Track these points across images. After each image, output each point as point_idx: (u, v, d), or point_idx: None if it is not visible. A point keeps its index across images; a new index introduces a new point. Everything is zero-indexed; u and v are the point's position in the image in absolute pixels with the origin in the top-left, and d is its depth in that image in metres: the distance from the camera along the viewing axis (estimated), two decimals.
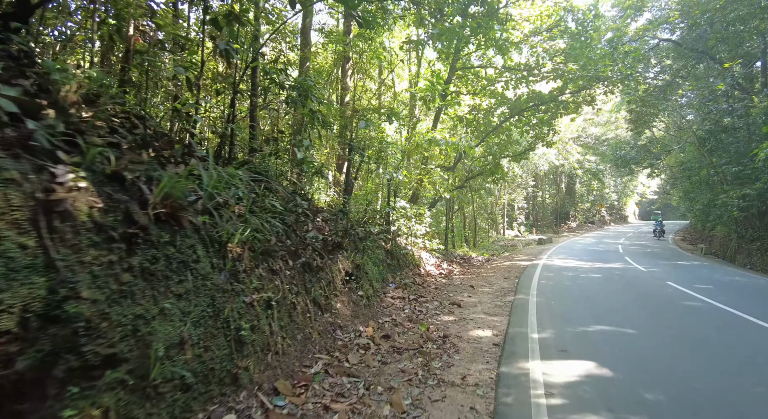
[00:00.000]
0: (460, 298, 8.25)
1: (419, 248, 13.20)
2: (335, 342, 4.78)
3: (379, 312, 6.29)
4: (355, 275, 6.15)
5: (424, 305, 7.37)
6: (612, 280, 11.05)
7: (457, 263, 16.11)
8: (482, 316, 6.92)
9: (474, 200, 26.96)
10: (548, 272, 12.39)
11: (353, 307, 5.71)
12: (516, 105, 17.04)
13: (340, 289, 5.66)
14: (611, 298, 8.51)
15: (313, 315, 4.79)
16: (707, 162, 20.47)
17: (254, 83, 7.10)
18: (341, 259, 5.92)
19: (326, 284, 5.40)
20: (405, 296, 7.56)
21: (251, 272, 3.99)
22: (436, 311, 7.09)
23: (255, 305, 3.74)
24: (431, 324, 6.24)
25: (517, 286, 10.00)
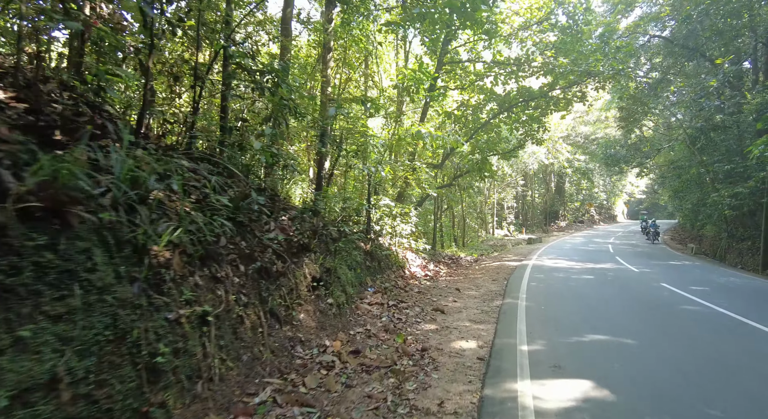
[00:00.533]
0: (444, 303, 7.59)
1: (404, 248, 12.54)
2: (293, 361, 4.08)
3: (351, 322, 5.59)
4: (325, 280, 5.44)
5: (405, 311, 6.69)
6: (605, 282, 10.49)
7: (445, 264, 15.48)
8: (467, 324, 6.26)
9: (463, 199, 26.40)
10: (538, 274, 11.81)
11: (320, 317, 5.01)
12: (505, 101, 16.46)
13: (306, 297, 4.95)
14: (606, 302, 7.91)
15: (267, 330, 4.08)
16: (698, 161, 20.14)
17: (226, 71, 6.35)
18: (308, 263, 5.21)
19: (288, 291, 4.69)
20: (384, 302, 6.88)
21: (183, 281, 3.27)
22: (417, 318, 6.42)
23: (183, 323, 3.02)
24: (410, 334, 5.57)
25: (506, 289, 9.38)
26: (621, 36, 17.55)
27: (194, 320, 3.15)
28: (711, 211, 21.19)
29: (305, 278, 5.04)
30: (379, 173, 9.90)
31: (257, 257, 4.49)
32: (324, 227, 6.01)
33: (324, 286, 5.36)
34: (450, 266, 14.95)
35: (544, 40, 15.25)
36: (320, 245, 5.80)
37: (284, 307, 4.53)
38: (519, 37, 16.26)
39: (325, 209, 7.55)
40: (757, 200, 15.40)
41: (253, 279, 4.27)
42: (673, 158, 23.01)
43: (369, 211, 8.88)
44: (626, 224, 45.45)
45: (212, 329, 3.30)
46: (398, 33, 18.30)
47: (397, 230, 12.39)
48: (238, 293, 3.90)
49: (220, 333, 3.43)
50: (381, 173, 10.00)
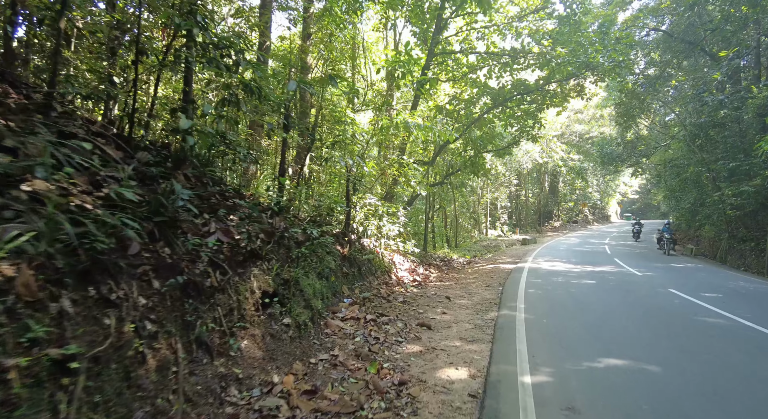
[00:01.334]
0: (431, 316, 6.55)
1: (391, 251, 11.50)
2: (221, 410, 3.02)
3: (315, 346, 4.53)
4: (281, 295, 4.38)
5: (385, 328, 5.65)
6: (608, 287, 9.52)
7: (436, 267, 14.47)
8: (457, 343, 5.23)
9: (456, 198, 25.44)
10: (535, 278, 10.83)
11: (271, 344, 3.94)
12: (499, 94, 15.48)
13: (252, 318, 3.89)
14: (614, 313, 6.93)
15: (187, 367, 3.02)
16: (697, 159, 19.30)
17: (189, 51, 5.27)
18: (258, 274, 4.14)
19: (226, 312, 3.63)
20: (361, 317, 5.83)
21: (36, 310, 2.20)
22: (399, 336, 5.38)
23: (12, 379, 1.95)
24: (387, 359, 4.52)
25: (501, 297, 8.37)
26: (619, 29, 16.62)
27: (43, 370, 2.08)
28: (710, 211, 20.39)
29: (253, 294, 3.97)
30: (361, 168, 8.87)
31: (183, 268, 3.42)
32: (285, 229, 4.95)
33: (280, 302, 4.30)
34: (441, 270, 13.94)
35: (540, 29, 14.28)
36: (279, 251, 4.74)
37: (219, 333, 3.47)
38: (514, 28, 15.29)
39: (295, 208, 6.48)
40: (763, 199, 14.57)
41: (174, 299, 3.21)
42: (670, 157, 22.18)
43: (348, 210, 7.82)
44: (620, 225, 44.77)
45: (80, 380, 2.23)
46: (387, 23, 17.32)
47: (384, 231, 11.36)
48: (143, 319, 2.84)
49: (98, 383, 2.36)
50: (363, 168, 8.97)
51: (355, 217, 10.39)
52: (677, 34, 18.17)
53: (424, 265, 13.96)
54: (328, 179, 11.26)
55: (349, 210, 7.81)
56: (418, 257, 14.46)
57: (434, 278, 11.51)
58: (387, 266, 10.31)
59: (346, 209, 7.63)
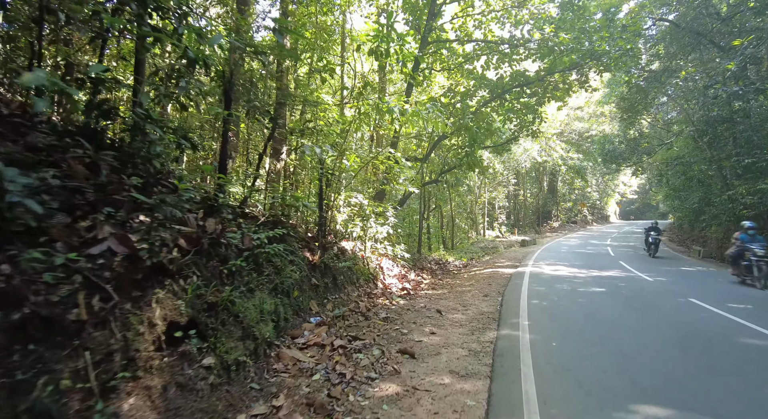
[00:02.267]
0: (417, 337, 5.36)
1: (379, 255, 10.31)
2: None
3: (251, 393, 3.33)
4: (202, 324, 3.19)
5: (356, 357, 4.46)
6: (621, 297, 8.35)
7: (429, 271, 13.28)
8: (446, 380, 4.04)
9: (452, 198, 24.26)
10: (538, 285, 9.65)
11: (179, 398, 2.75)
12: (497, 86, 14.31)
13: (150, 363, 2.69)
14: (635, 332, 5.75)
15: None
16: (705, 156, 18.17)
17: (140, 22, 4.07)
18: (165, 297, 2.95)
19: (104, 357, 2.44)
20: (328, 342, 4.64)
21: None
22: (372, 370, 4.19)
23: None
24: (349, 410, 3.33)
25: (501, 310, 7.19)
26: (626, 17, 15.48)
27: None
28: (718, 211, 19.27)
29: (153, 327, 2.77)
30: (340, 162, 7.68)
31: (27, 296, 2.23)
32: (220, 234, 3.75)
33: (200, 335, 3.10)
34: (435, 275, 12.75)
35: (543, 15, 13.11)
36: (207, 264, 3.55)
37: (82, 393, 2.28)
38: (513, 15, 14.12)
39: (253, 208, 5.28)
40: None
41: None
42: (676, 155, 21.04)
43: (322, 210, 6.62)
44: (619, 225, 43.62)
45: None
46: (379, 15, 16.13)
47: (371, 233, 10.18)
48: None
49: None
50: (344, 162, 7.78)
51: (337, 218, 9.22)
52: (684, 25, 17.02)
53: (417, 270, 12.77)
54: (308, 176, 10.04)
55: (322, 210, 6.61)
56: (409, 262, 13.28)
57: (426, 285, 10.33)
58: (373, 273, 9.12)
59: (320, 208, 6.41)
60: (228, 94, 4.46)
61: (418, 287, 9.71)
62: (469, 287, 9.86)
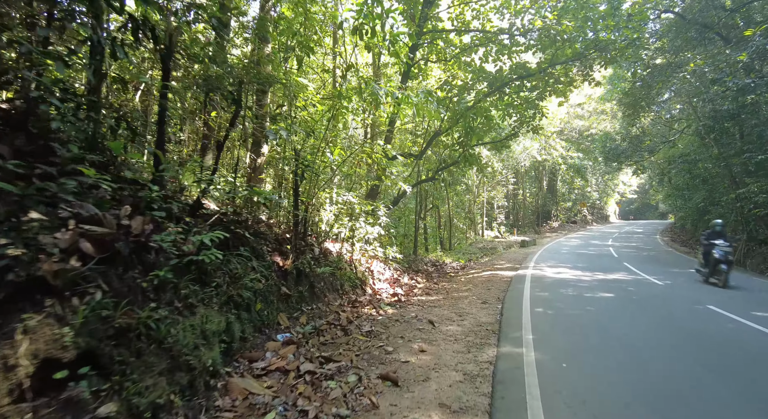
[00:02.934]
0: (403, 357, 4.54)
1: (369, 257, 9.50)
2: None
3: None
4: (105, 357, 2.36)
5: (325, 386, 3.64)
6: (632, 304, 7.54)
7: (424, 274, 12.47)
8: (434, 418, 3.23)
9: (450, 197, 23.45)
10: (541, 290, 8.84)
11: None
12: (497, 79, 13.50)
13: None
14: (658, 349, 4.93)
15: None
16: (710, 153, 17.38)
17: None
18: (40, 325, 2.12)
19: None
20: (293, 367, 3.82)
21: None
22: (343, 404, 3.37)
23: None
24: None
25: (501, 320, 6.38)
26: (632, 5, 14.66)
27: None
28: (725, 210, 18.49)
29: (13, 370, 1.95)
30: (323, 154, 6.86)
31: None
32: (147, 236, 2.93)
33: (100, 375, 2.28)
34: (430, 277, 11.94)
35: (544, 2, 12.29)
36: (122, 276, 2.73)
37: None
38: (512, 6, 13.30)
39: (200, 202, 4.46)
40: None
41: None
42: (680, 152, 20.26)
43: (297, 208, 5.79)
44: (620, 225, 42.81)
45: None
46: None
47: (360, 233, 9.37)
48: None
49: None
50: (327, 154, 6.97)
51: (322, 217, 8.41)
52: (690, 17, 16.24)
53: (411, 272, 11.97)
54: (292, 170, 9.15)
55: (297, 208, 5.79)
56: (403, 264, 12.47)
57: (420, 289, 9.51)
58: (361, 278, 8.31)
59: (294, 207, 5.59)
60: (166, 63, 3.64)
61: (411, 293, 8.90)
62: (466, 292, 9.05)
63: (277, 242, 5.38)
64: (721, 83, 13.16)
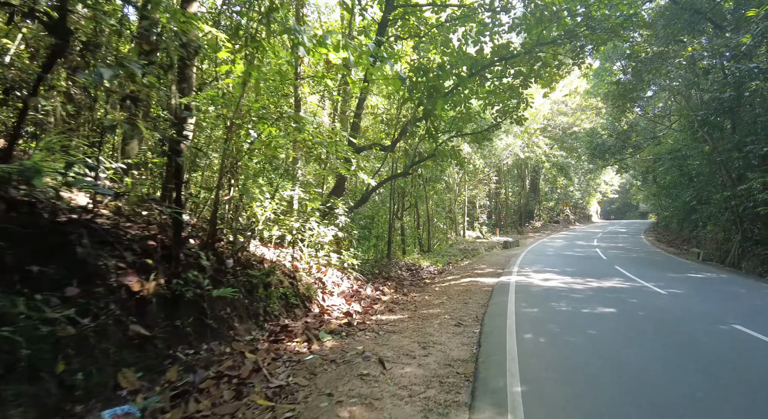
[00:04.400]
0: None
1: (319, 265, 7.70)
2: None
3: None
4: None
5: None
6: (640, 322, 5.95)
7: (395, 282, 10.74)
8: None
9: (430, 195, 21.80)
10: (529, 305, 7.18)
11: None
12: (477, 62, 11.88)
13: None
14: (700, 405, 3.31)
15: None
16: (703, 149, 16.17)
17: None
18: None
19: None
20: None
21: None
22: None
23: None
24: None
25: (479, 355, 4.68)
26: None
27: None
28: (715, 209, 17.32)
29: None
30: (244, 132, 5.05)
31: None
32: None
33: None
34: (401, 286, 10.21)
35: None
36: None
37: None
38: None
39: None
40: None
41: None
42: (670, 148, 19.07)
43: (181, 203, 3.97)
44: (602, 225, 41.92)
45: None
46: None
47: (311, 236, 7.58)
48: None
49: None
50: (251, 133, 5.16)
51: (257, 217, 6.60)
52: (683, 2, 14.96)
53: (378, 281, 10.22)
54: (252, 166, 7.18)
55: (181, 203, 3.97)
56: (374, 269, 10.70)
57: (384, 304, 7.76)
58: (305, 293, 6.52)
59: (173, 204, 3.78)
60: None
61: (371, 310, 7.14)
62: (439, 307, 7.34)
63: (144, 254, 3.57)
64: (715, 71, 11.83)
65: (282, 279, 6.22)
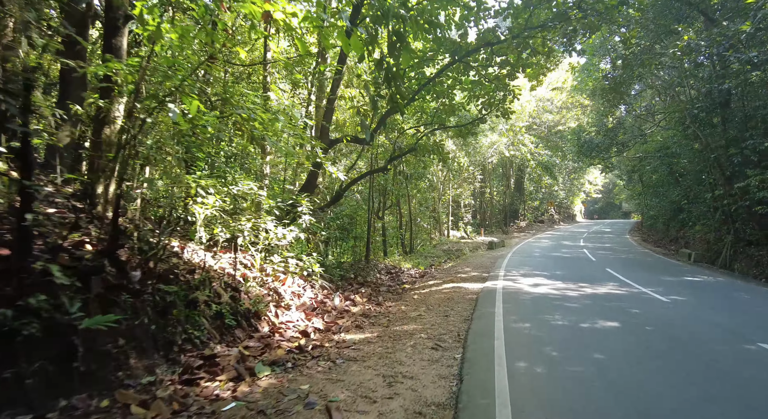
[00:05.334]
0: None
1: (276, 273, 6.51)
2: None
3: None
4: None
5: None
6: (650, 339, 4.95)
7: (370, 288, 9.61)
8: None
9: (413, 194, 20.75)
10: (519, 319, 6.13)
11: None
12: (461, 48, 10.84)
13: None
14: None
15: None
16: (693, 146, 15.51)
17: None
18: None
19: None
20: None
21: None
22: None
23: None
24: None
25: (460, 392, 3.58)
26: None
27: None
28: (706, 208, 16.69)
29: None
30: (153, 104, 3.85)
31: None
32: None
33: None
34: (375, 293, 9.08)
35: None
36: None
37: None
38: None
39: None
40: None
41: None
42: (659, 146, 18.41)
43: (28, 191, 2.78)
44: (587, 225, 41.55)
45: None
46: None
47: (261, 239, 6.40)
48: None
49: None
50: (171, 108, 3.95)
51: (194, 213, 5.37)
52: None
53: (350, 288, 9.07)
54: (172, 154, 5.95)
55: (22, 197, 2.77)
56: (338, 276, 9.51)
57: (352, 317, 6.61)
58: (251, 308, 5.33)
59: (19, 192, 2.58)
60: None
61: (334, 326, 5.99)
62: (415, 321, 6.23)
63: None
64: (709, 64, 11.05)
65: (220, 292, 5.03)
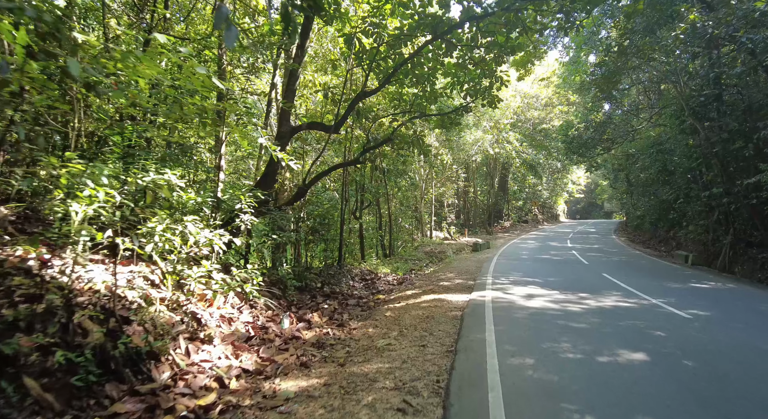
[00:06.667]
0: None
1: (200, 291, 4.87)
2: None
3: None
4: None
5: None
6: (699, 385, 3.53)
7: (335, 302, 8.00)
8: None
9: (394, 192, 19.24)
10: (517, 348, 4.65)
11: None
12: (443, 22, 9.36)
13: None
14: None
15: None
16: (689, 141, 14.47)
17: None
18: None
19: None
20: None
21: None
22: None
23: None
24: None
25: None
26: None
27: None
28: (701, 207, 15.68)
29: None
30: None
31: None
32: None
33: None
34: (341, 309, 7.48)
35: None
36: None
37: None
38: None
39: None
40: None
41: None
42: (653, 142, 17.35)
43: None
44: (571, 225, 40.79)
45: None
46: None
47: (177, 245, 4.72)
48: None
49: None
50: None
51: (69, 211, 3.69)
52: None
53: (309, 304, 7.44)
54: None
55: None
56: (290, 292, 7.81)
57: (298, 350, 5.00)
58: (145, 348, 3.67)
59: None
60: None
61: (270, 366, 4.36)
62: (382, 355, 4.66)
63: None
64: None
65: (87, 327, 3.37)
